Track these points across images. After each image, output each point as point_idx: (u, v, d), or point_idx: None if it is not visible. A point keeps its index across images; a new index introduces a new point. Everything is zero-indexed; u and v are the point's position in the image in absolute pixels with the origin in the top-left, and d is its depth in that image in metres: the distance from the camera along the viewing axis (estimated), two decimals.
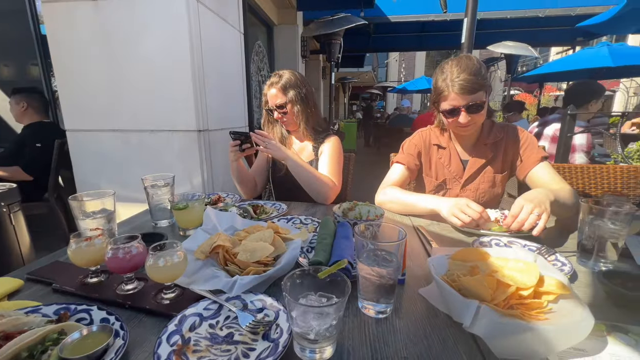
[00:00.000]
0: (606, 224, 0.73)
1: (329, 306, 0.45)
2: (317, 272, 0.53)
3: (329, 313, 0.45)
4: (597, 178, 1.37)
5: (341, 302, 0.46)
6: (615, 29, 4.21)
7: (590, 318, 0.49)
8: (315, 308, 0.46)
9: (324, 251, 0.72)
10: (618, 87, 12.76)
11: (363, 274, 0.59)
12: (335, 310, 0.46)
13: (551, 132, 2.28)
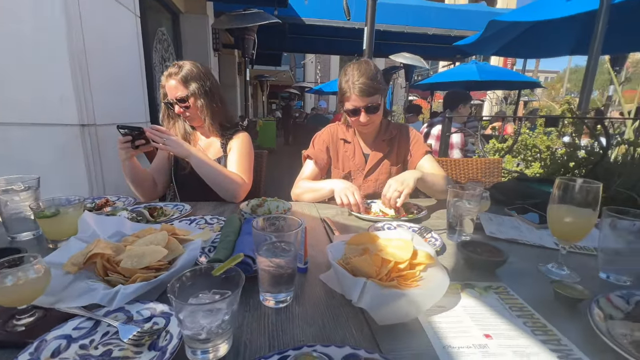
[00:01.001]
0: (464, 204, 0.91)
1: (220, 301, 0.44)
2: (212, 270, 0.51)
3: (220, 308, 0.44)
4: (465, 169, 1.69)
5: (233, 296, 0.45)
6: (481, 50, 5.24)
7: (447, 280, 0.60)
8: (204, 305, 0.44)
9: (225, 249, 0.70)
10: (485, 98, 15.93)
11: (262, 267, 0.60)
12: (228, 305, 0.45)
13: (436, 132, 2.71)
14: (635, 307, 0.58)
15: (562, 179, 0.74)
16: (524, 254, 0.85)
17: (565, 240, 0.74)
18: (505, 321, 0.56)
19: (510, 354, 0.49)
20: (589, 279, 0.73)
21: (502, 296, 0.64)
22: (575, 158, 1.70)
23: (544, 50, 4.75)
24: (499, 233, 0.98)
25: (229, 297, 0.45)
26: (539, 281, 0.72)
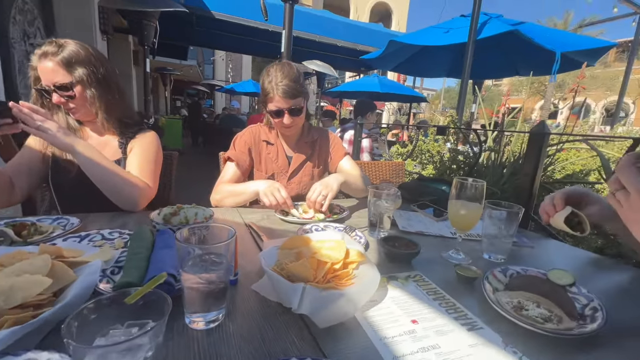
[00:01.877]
0: (383, 203, 0.99)
1: (141, 335, 0.36)
2: (125, 297, 0.42)
3: (142, 344, 0.36)
4: (376, 171, 1.87)
5: (158, 326, 0.38)
6: (382, 65, 5.92)
7: (377, 275, 0.64)
8: (119, 345, 0.35)
9: (136, 269, 0.59)
10: (384, 108, 18.07)
11: (189, 285, 0.52)
12: (151, 338, 0.37)
13: (348, 137, 2.92)
14: (511, 279, 0.74)
15: (458, 179, 0.88)
16: (429, 244, 0.99)
17: (461, 230, 0.89)
18: (426, 305, 0.64)
19: (433, 335, 0.55)
20: (477, 260, 0.89)
21: (420, 283, 0.73)
22: (457, 161, 2.08)
23: (428, 71, 5.69)
24: (409, 227, 1.10)
25: (153, 328, 0.37)
26: (444, 266, 0.84)
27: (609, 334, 0.58)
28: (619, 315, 0.63)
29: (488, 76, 5.53)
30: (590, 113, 18.69)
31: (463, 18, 3.77)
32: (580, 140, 2.00)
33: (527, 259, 0.93)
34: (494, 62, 4.50)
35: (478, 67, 4.51)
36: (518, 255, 0.95)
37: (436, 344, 0.53)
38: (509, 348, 0.53)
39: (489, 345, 0.54)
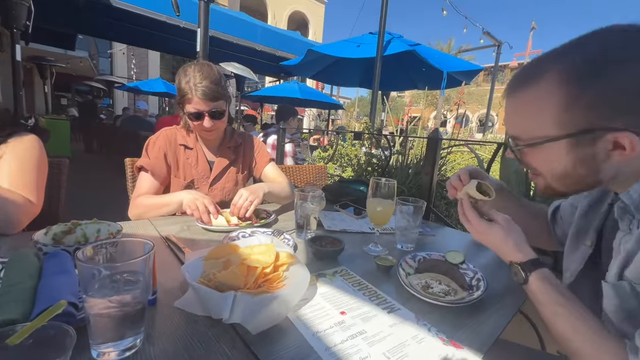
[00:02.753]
0: (309, 204, 1.03)
1: None
2: (6, 338, 0.34)
3: None
4: (300, 174, 1.92)
5: None
6: (302, 73, 6.10)
7: (307, 274, 0.66)
8: None
9: (17, 302, 0.48)
10: (305, 114, 18.63)
11: (96, 311, 0.45)
12: None
13: (271, 141, 2.92)
14: (419, 264, 0.86)
15: (374, 179, 0.98)
16: (352, 240, 1.07)
17: (378, 225, 0.99)
18: (352, 297, 0.69)
19: (360, 322, 0.60)
20: (392, 250, 1.01)
21: (346, 277, 0.78)
22: (371, 164, 2.30)
23: (343, 80, 6.12)
24: (334, 226, 1.17)
25: None
26: (365, 259, 0.92)
27: (489, 297, 0.73)
28: (494, 283, 0.79)
29: (393, 88, 6.26)
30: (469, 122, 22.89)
31: (371, 35, 4.19)
32: (463, 144, 2.45)
33: (430, 245, 1.09)
34: (397, 76, 5.12)
35: (385, 80, 5.06)
36: (423, 243, 1.10)
37: (363, 329, 0.58)
38: (421, 322, 0.62)
39: (405, 322, 0.61)
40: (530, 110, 0.51)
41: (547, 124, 0.49)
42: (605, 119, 0.45)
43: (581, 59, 0.45)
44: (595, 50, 0.45)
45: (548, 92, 0.48)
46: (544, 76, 0.48)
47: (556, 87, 0.47)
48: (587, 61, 0.45)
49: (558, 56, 0.48)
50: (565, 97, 0.46)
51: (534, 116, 0.51)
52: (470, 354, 0.54)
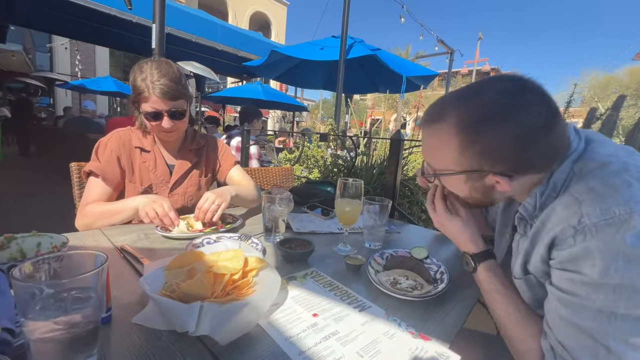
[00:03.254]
0: (277, 207, 1.01)
1: None
2: None
3: None
4: (266, 177, 1.88)
5: None
6: (265, 74, 6.01)
7: (278, 278, 0.65)
8: None
9: None
10: (269, 115, 18.38)
11: (38, 336, 0.40)
12: None
13: (235, 143, 2.83)
14: (387, 261, 0.88)
15: (341, 180, 0.99)
16: (322, 241, 1.07)
17: (347, 224, 1.01)
18: (324, 298, 0.69)
19: (332, 323, 0.60)
20: (361, 249, 1.02)
21: (316, 279, 0.78)
22: (338, 165, 2.33)
23: (307, 82, 6.15)
24: (302, 228, 1.16)
25: None
26: (335, 259, 0.92)
27: (452, 289, 0.77)
28: (456, 275, 0.84)
29: (356, 91, 6.42)
30: None
31: (334, 39, 4.26)
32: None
33: (396, 242, 1.12)
34: (360, 79, 5.27)
35: (348, 83, 5.18)
36: (390, 240, 1.14)
37: (336, 330, 0.58)
38: (391, 318, 0.63)
39: (376, 319, 0.63)
40: (436, 147, 0.61)
41: (448, 160, 0.60)
42: (488, 165, 0.56)
43: (471, 114, 0.55)
44: (481, 110, 0.54)
45: (448, 135, 0.57)
46: (446, 121, 0.57)
47: (453, 134, 0.56)
48: (475, 119, 0.54)
49: (457, 104, 0.57)
50: (459, 144, 0.56)
51: (439, 152, 0.61)
52: (438, 345, 0.56)
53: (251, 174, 1.87)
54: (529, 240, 0.59)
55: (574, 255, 0.49)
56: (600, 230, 0.46)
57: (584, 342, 0.47)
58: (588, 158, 0.55)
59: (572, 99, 2.27)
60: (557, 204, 0.53)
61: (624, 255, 0.44)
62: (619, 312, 0.45)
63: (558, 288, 0.52)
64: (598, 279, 0.46)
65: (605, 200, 0.47)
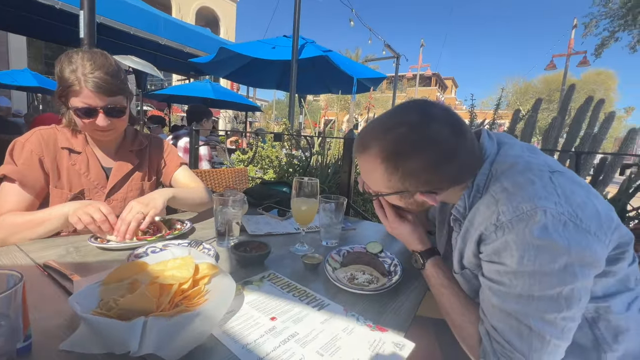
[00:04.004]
0: (230, 209, 0.97)
1: None
2: None
3: None
4: (218, 179, 1.80)
5: None
6: (214, 72, 5.74)
7: (233, 284, 0.62)
8: None
9: None
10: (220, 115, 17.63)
11: None
12: None
13: (183, 144, 2.66)
14: (344, 258, 0.90)
15: (297, 179, 0.98)
16: (279, 242, 1.05)
17: (303, 224, 1.00)
18: (282, 300, 0.67)
19: (291, 324, 0.59)
20: (318, 247, 1.02)
21: (274, 281, 0.76)
22: (293, 165, 2.31)
23: (259, 82, 6.03)
24: (258, 230, 1.13)
25: None
26: (293, 259, 0.91)
27: (405, 280, 0.80)
28: (408, 266, 0.88)
29: (309, 92, 6.47)
30: None
31: (286, 38, 4.23)
32: None
33: (352, 239, 1.15)
34: (313, 80, 5.31)
35: (301, 83, 5.19)
36: (346, 237, 1.16)
37: (295, 332, 0.57)
38: (350, 313, 0.64)
39: (335, 316, 0.63)
40: (368, 172, 0.67)
41: (380, 184, 0.66)
42: (413, 187, 0.63)
43: (388, 148, 0.61)
44: (394, 146, 0.60)
45: (374, 164, 0.63)
46: (371, 151, 0.63)
47: (378, 163, 0.62)
48: (391, 152, 0.60)
49: (377, 136, 0.63)
50: (385, 171, 0.62)
51: (372, 177, 0.67)
52: (394, 335, 0.58)
53: (202, 176, 1.77)
54: (461, 238, 0.65)
55: (496, 249, 0.54)
56: (514, 225, 0.52)
57: (511, 324, 0.53)
58: (500, 160, 0.62)
59: (500, 102, 2.55)
60: (481, 204, 0.59)
61: (533, 246, 0.50)
62: (535, 295, 0.51)
63: (488, 278, 0.57)
64: (516, 268, 0.52)
65: (515, 198, 0.53)
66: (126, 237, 0.88)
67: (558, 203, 0.51)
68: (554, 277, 0.49)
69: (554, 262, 0.49)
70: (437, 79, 41.23)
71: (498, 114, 2.47)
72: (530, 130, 1.77)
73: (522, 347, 0.52)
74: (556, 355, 0.52)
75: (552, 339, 0.50)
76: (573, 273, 0.49)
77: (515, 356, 0.52)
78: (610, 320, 0.56)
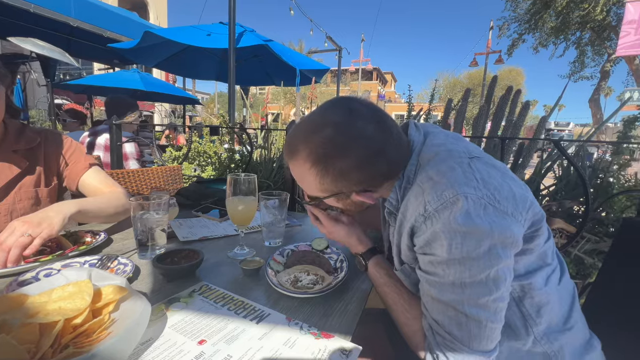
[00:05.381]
0: (153, 215, 0.83)
1: None
2: None
3: None
4: (147, 179, 1.58)
5: None
6: (141, 60, 5.12)
7: (147, 307, 0.51)
8: None
9: None
10: (154, 109, 16.05)
11: None
12: None
13: (103, 141, 2.30)
14: (288, 258, 0.83)
15: (231, 176, 0.88)
16: (215, 247, 0.94)
17: (242, 225, 0.90)
18: (213, 317, 0.58)
19: (223, 346, 0.50)
20: (261, 248, 0.94)
21: (206, 294, 0.66)
22: (234, 160, 2.16)
23: (197, 72, 5.57)
24: (191, 235, 1.00)
25: None
26: (231, 266, 0.81)
27: (352, 275, 0.77)
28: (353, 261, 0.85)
29: (251, 83, 6.17)
30: None
31: (222, 25, 3.94)
32: None
33: (298, 236, 1.09)
34: (255, 71, 5.07)
35: (242, 75, 4.92)
36: (291, 235, 1.09)
37: (227, 355, 0.49)
38: (292, 323, 0.58)
39: (276, 328, 0.56)
40: (301, 178, 0.65)
41: (314, 188, 0.64)
42: (347, 188, 0.63)
43: (316, 151, 0.59)
44: (321, 149, 0.58)
45: (305, 168, 0.61)
46: (300, 156, 0.61)
47: (308, 167, 0.60)
48: (319, 155, 0.59)
49: (304, 140, 0.60)
50: (317, 175, 0.60)
51: (305, 182, 0.64)
52: (341, 340, 0.54)
53: (125, 177, 1.53)
54: (397, 232, 0.64)
55: (427, 240, 0.53)
56: (440, 214, 0.51)
57: (450, 315, 0.52)
58: (425, 150, 0.62)
59: (434, 94, 2.70)
60: (410, 195, 0.58)
61: (459, 233, 0.50)
62: (466, 281, 0.51)
63: (423, 271, 0.56)
64: (447, 257, 0.51)
65: (438, 187, 0.53)
66: (8, 265, 0.69)
67: (477, 188, 0.51)
68: (480, 261, 0.50)
69: (479, 246, 0.49)
70: (377, 73, 43.12)
71: (433, 105, 2.62)
72: (461, 118, 1.89)
73: (462, 335, 0.51)
74: (493, 338, 0.52)
75: (487, 322, 0.51)
76: (497, 255, 0.50)
77: (457, 346, 0.51)
78: (533, 296, 0.59)
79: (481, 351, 0.51)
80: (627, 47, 9.24)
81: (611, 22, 11.49)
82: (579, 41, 13.15)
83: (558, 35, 12.64)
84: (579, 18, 11.47)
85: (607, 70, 13.23)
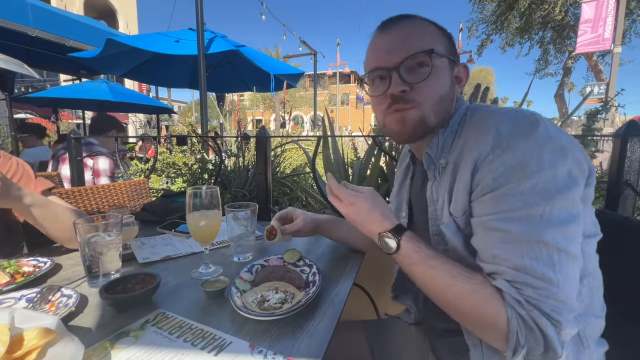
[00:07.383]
0: (104, 237, 0.75)
1: None
2: None
3: None
4: (108, 196, 1.47)
5: None
6: (108, 69, 4.89)
7: (79, 350, 0.44)
8: None
9: None
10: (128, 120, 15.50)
11: None
12: None
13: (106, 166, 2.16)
14: (256, 275, 0.77)
15: (191, 189, 0.81)
16: (179, 267, 0.87)
17: (206, 241, 0.84)
18: (166, 352, 0.51)
19: None
20: (228, 266, 0.87)
21: (160, 325, 0.59)
22: (206, 170, 2.07)
23: (170, 81, 5.41)
24: (153, 256, 0.92)
25: None
26: (193, 288, 0.74)
27: (325, 287, 0.72)
28: (328, 268, 0.80)
29: (227, 90, 6.05)
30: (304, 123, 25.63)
31: (192, 31, 3.83)
32: (292, 142, 2.62)
33: (270, 249, 1.03)
34: (229, 77, 4.97)
35: (216, 81, 4.81)
36: (264, 247, 1.03)
37: None
38: (255, 351, 0.52)
39: (237, 359, 0.50)
40: (423, 30, 0.64)
41: (436, 43, 0.62)
42: (454, 55, 0.65)
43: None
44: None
45: (425, 23, 0.65)
46: (415, 16, 0.65)
47: (427, 23, 0.65)
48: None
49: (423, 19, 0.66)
50: (435, 30, 0.64)
51: (427, 33, 0.63)
52: None
53: (83, 195, 1.42)
54: (449, 177, 0.61)
55: (507, 167, 0.51)
56: (518, 136, 0.52)
57: (539, 253, 0.47)
58: (472, 106, 0.65)
59: None
60: (468, 135, 0.59)
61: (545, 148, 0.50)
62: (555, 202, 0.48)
63: (494, 212, 0.51)
64: (530, 177, 0.49)
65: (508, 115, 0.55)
66: None
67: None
68: (564, 181, 0.49)
69: (563, 161, 0.49)
70: (355, 76, 43.70)
71: None
72: None
73: (557, 278, 0.46)
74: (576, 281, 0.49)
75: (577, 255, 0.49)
76: (575, 178, 0.50)
77: (552, 292, 0.46)
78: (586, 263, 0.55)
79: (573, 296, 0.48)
80: (585, 45, 9.83)
81: (569, 21, 12.21)
82: (542, 40, 13.88)
83: (523, 35, 13.29)
84: (541, 18, 12.12)
85: (569, 67, 14.02)
